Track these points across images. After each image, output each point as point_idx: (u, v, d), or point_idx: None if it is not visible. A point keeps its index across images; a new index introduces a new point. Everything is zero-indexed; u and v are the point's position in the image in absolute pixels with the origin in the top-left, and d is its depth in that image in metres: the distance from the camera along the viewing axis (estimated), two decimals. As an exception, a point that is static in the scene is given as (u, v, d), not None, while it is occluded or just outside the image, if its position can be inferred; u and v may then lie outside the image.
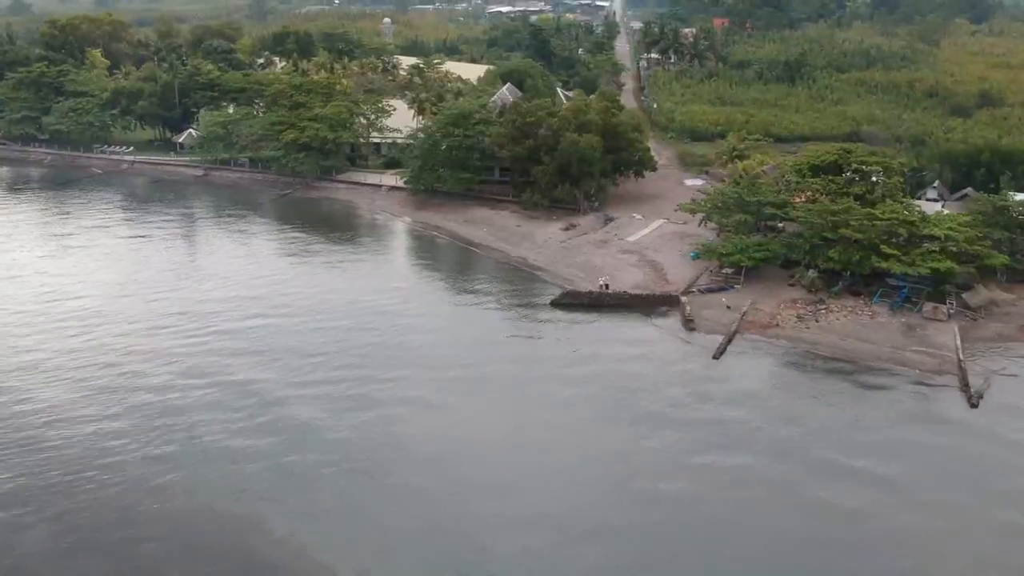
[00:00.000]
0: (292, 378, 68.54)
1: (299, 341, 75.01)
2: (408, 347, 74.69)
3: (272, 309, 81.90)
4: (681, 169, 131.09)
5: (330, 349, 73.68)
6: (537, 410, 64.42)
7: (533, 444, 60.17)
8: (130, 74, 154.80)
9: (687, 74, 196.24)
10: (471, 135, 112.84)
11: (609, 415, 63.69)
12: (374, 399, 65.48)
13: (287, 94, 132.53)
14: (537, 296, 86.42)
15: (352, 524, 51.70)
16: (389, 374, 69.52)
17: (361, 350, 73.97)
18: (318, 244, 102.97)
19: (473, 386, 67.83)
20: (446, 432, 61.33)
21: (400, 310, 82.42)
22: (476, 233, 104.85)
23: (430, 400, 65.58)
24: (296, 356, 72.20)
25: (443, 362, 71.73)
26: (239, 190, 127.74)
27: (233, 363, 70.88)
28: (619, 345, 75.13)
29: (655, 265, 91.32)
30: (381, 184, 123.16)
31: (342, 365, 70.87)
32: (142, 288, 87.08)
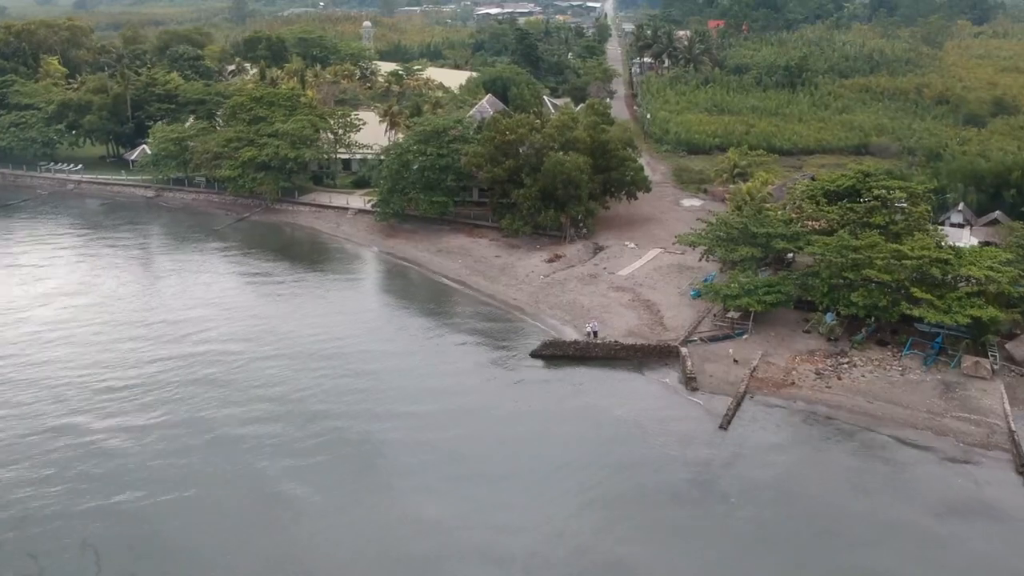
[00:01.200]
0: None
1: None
2: (333, 417, 63.53)
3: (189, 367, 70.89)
4: (677, 187, 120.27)
5: (255, 415, 62.74)
6: (489, 514, 52.66)
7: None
8: (83, 84, 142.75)
9: (682, 80, 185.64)
10: (445, 154, 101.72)
11: (591, 524, 51.98)
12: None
13: (246, 107, 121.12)
14: (515, 344, 75.35)
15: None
16: (302, 443, 58.88)
17: (282, 407, 63.31)
18: (269, 278, 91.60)
19: (408, 479, 56.24)
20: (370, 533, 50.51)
21: (342, 364, 71.34)
22: (450, 266, 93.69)
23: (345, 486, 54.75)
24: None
25: (383, 438, 60.88)
26: (192, 214, 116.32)
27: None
28: (607, 410, 64.12)
29: (650, 306, 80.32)
30: (348, 207, 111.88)
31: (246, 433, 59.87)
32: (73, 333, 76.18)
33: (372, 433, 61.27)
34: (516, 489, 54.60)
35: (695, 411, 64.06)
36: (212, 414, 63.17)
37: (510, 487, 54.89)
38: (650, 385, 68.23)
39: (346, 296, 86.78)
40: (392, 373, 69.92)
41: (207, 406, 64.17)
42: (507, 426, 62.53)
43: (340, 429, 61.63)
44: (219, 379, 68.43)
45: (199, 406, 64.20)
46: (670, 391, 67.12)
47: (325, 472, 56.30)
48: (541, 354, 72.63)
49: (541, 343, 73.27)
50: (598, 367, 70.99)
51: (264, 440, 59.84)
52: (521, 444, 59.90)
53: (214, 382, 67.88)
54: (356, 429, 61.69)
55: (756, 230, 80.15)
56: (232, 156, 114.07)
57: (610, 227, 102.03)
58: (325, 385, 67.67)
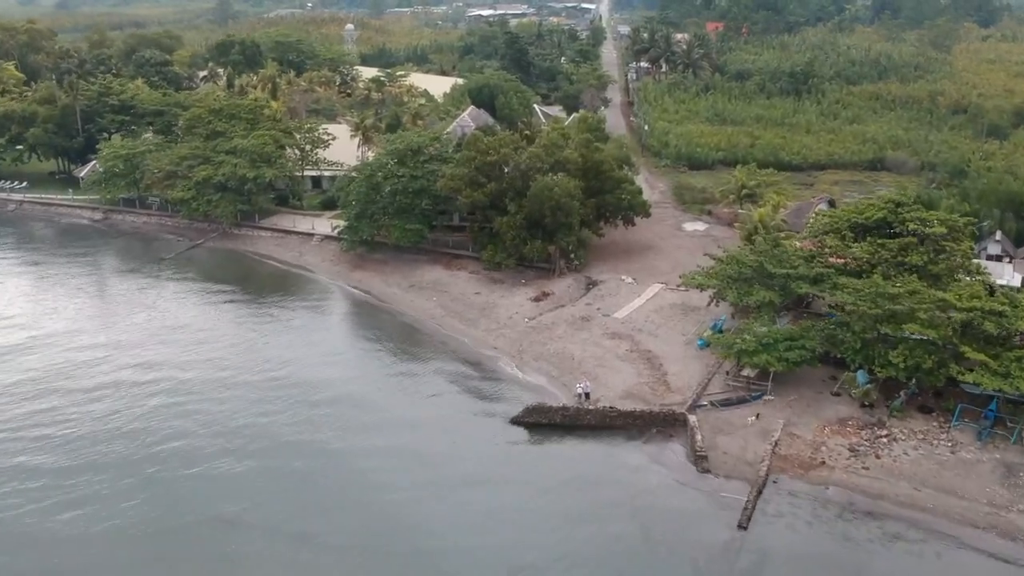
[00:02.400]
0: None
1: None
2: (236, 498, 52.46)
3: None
4: (678, 208, 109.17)
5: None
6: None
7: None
8: (32, 93, 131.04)
9: (680, 86, 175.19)
10: (420, 176, 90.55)
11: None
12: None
13: (204, 120, 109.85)
14: (493, 406, 64.28)
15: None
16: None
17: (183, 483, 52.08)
18: (207, 322, 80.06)
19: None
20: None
21: (269, 424, 60.28)
22: (423, 305, 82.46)
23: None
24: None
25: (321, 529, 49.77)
26: (141, 239, 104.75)
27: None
28: (598, 499, 53.12)
29: (651, 359, 69.19)
30: (313, 232, 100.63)
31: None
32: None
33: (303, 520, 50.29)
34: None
35: (707, 502, 52.97)
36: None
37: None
38: (652, 464, 57.11)
39: (294, 346, 74.53)
40: (333, 451, 58.76)
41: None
42: (474, 529, 51.42)
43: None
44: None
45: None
46: (676, 472, 56.00)
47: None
48: (523, 421, 61.53)
49: (524, 408, 62.02)
50: (590, 438, 59.91)
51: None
52: (488, 552, 48.89)
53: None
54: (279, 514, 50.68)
55: (774, 270, 69.19)
56: (186, 175, 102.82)
57: (604, 257, 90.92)
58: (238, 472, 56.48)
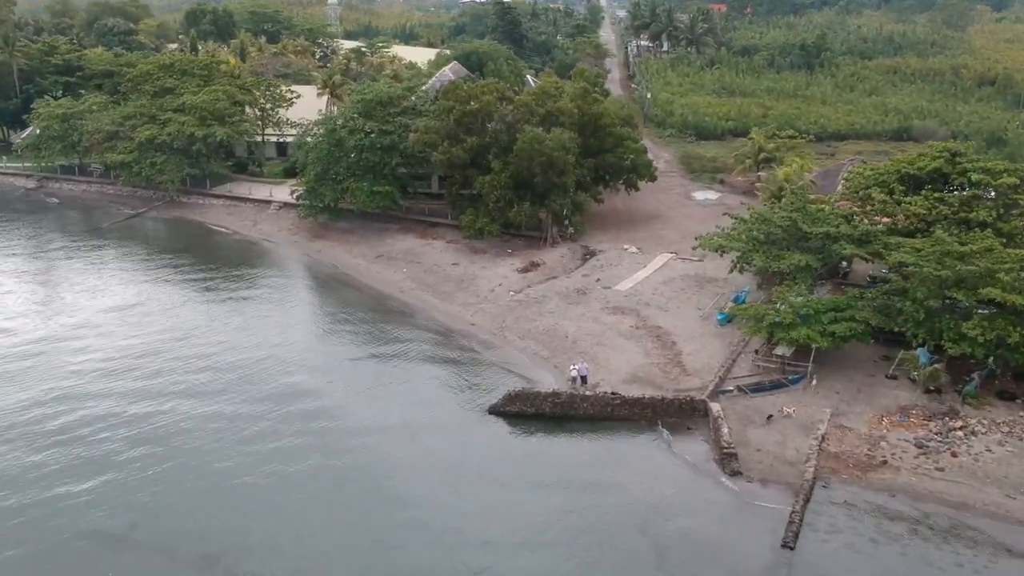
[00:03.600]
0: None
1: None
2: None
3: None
4: (686, 177, 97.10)
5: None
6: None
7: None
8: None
9: (684, 60, 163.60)
10: (391, 131, 78.20)
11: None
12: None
13: (153, 77, 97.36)
14: (467, 393, 51.91)
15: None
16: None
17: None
18: (139, 295, 67.55)
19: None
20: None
21: (186, 419, 47.81)
22: (391, 277, 70.14)
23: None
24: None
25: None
26: (78, 208, 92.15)
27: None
28: (595, 510, 40.80)
29: (661, 336, 56.89)
30: (271, 200, 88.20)
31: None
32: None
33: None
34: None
35: (739, 513, 40.66)
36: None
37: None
38: (666, 465, 44.78)
39: (230, 328, 61.36)
40: (261, 452, 46.31)
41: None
42: (432, 559, 39.10)
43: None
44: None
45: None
46: (697, 475, 43.70)
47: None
48: (503, 411, 49.18)
49: (504, 395, 49.61)
50: (587, 432, 47.62)
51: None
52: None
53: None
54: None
55: (809, 229, 57.04)
56: (129, 137, 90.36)
57: (604, 226, 78.72)
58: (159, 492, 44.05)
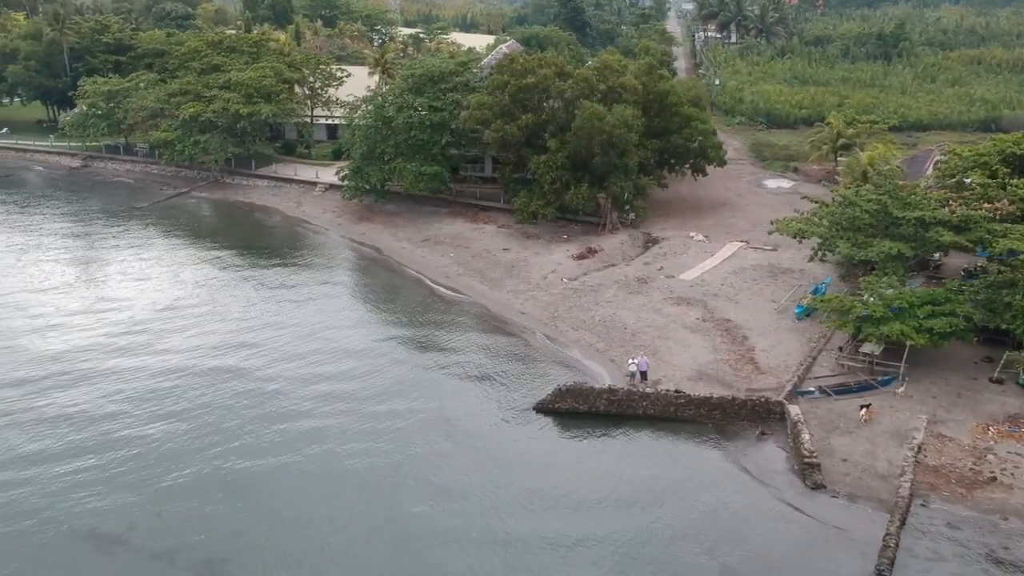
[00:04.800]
0: None
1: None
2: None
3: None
4: (757, 164, 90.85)
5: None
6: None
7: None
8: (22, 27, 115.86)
9: (754, 50, 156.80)
10: (441, 107, 73.49)
11: None
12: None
13: (201, 54, 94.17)
14: (512, 387, 46.76)
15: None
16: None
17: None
18: (170, 277, 63.73)
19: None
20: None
21: (214, 410, 43.41)
22: (437, 262, 65.36)
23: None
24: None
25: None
26: (121, 188, 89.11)
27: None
28: (656, 526, 35.41)
29: (731, 330, 51.15)
30: (317, 181, 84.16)
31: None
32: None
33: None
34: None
35: (823, 534, 34.90)
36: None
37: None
38: (737, 474, 39.12)
39: (270, 309, 57.37)
40: (281, 451, 41.76)
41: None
42: (470, 554, 34.11)
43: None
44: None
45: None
46: (774, 487, 37.97)
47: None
48: (552, 407, 43.99)
49: (554, 390, 44.38)
50: (646, 433, 42.20)
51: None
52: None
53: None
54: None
55: (901, 214, 50.83)
56: (173, 115, 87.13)
57: (667, 212, 73.13)
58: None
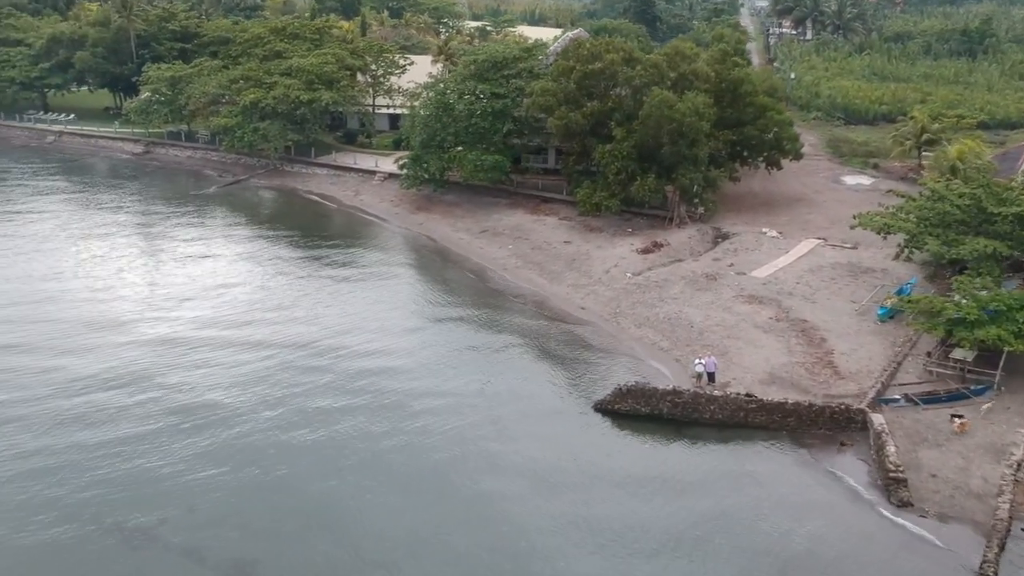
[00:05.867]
0: None
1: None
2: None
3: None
4: (834, 160, 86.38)
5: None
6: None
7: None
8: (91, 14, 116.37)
9: (831, 46, 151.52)
10: (504, 94, 70.89)
11: None
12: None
13: (264, 41, 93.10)
14: (572, 385, 43.90)
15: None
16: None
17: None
18: (235, 260, 62.28)
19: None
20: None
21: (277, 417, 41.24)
22: (495, 253, 62.77)
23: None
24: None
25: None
26: (179, 174, 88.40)
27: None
28: (725, 545, 32.20)
29: (808, 331, 47.51)
30: (376, 170, 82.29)
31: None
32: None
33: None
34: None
35: (911, 559, 31.35)
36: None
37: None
38: (815, 488, 35.64)
39: (324, 300, 54.93)
40: (314, 452, 39.41)
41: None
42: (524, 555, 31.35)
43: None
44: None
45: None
46: (854, 504, 34.46)
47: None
48: (612, 408, 40.99)
49: (614, 390, 41.39)
50: (714, 440, 38.97)
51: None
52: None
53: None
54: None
55: (996, 209, 46.72)
56: (233, 101, 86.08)
57: (739, 207, 69.46)
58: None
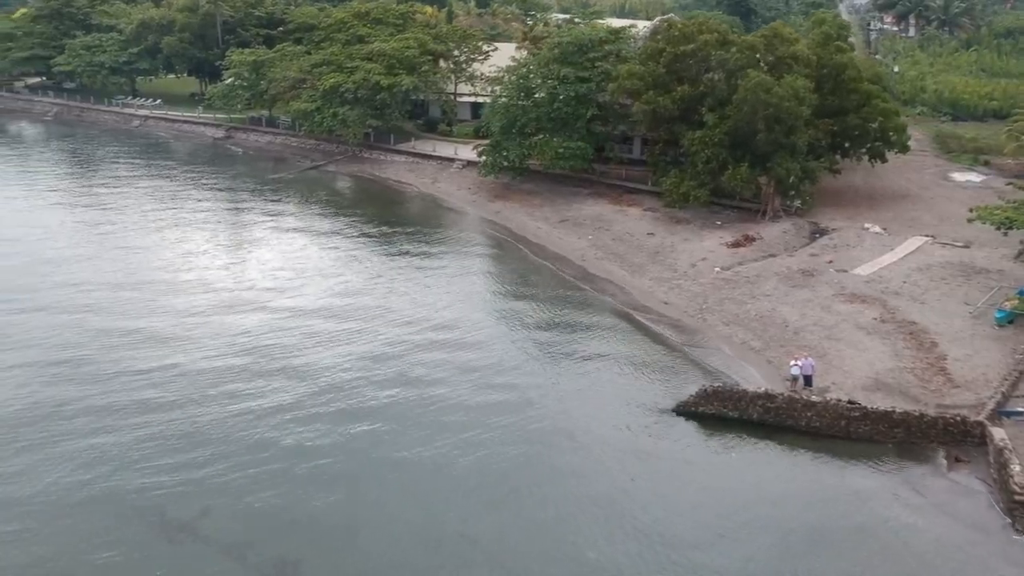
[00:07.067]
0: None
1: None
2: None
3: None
4: (941, 157, 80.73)
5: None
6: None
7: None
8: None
9: (936, 41, 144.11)
10: (588, 77, 67.64)
11: None
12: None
13: (347, 25, 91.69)
14: (651, 384, 40.40)
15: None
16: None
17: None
18: (309, 246, 60.48)
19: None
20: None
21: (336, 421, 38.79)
22: (574, 243, 59.57)
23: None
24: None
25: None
26: (258, 159, 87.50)
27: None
28: (816, 556, 28.58)
29: (917, 334, 43.06)
30: (455, 158, 79.90)
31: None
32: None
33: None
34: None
35: (1044, 595, 27.28)
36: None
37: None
38: (923, 508, 31.51)
39: (398, 288, 52.33)
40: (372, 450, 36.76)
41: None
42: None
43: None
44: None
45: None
46: (972, 530, 30.25)
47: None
48: (696, 411, 37.41)
49: (699, 391, 37.78)
50: (810, 450, 35.04)
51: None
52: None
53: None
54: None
55: None
56: (314, 85, 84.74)
57: (838, 202, 64.82)
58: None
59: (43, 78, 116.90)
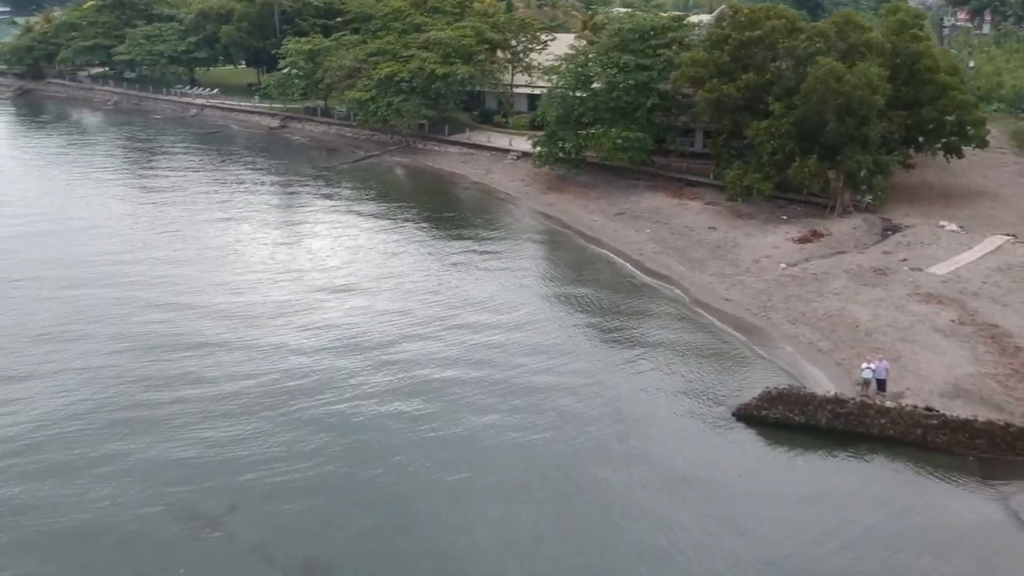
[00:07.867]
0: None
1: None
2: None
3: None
4: (1021, 154, 76.63)
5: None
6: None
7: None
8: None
9: (1012, 37, 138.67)
10: (649, 65, 65.26)
11: None
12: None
13: (403, 14, 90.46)
14: (710, 385, 38.05)
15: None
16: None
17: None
18: (361, 235, 59.19)
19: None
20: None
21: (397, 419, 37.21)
22: (630, 237, 57.28)
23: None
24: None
25: None
26: (314, 148, 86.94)
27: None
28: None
29: (999, 338, 40.01)
30: (509, 149, 78.11)
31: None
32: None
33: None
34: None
35: None
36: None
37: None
38: (1008, 528, 28.85)
39: (450, 281, 50.32)
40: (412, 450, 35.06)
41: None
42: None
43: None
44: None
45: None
46: (1067, 550, 27.69)
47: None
48: (758, 415, 35.02)
49: (761, 393, 35.36)
50: (884, 460, 32.47)
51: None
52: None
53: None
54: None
55: None
56: (369, 75, 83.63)
57: (911, 198, 61.59)
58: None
59: (105, 67, 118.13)
